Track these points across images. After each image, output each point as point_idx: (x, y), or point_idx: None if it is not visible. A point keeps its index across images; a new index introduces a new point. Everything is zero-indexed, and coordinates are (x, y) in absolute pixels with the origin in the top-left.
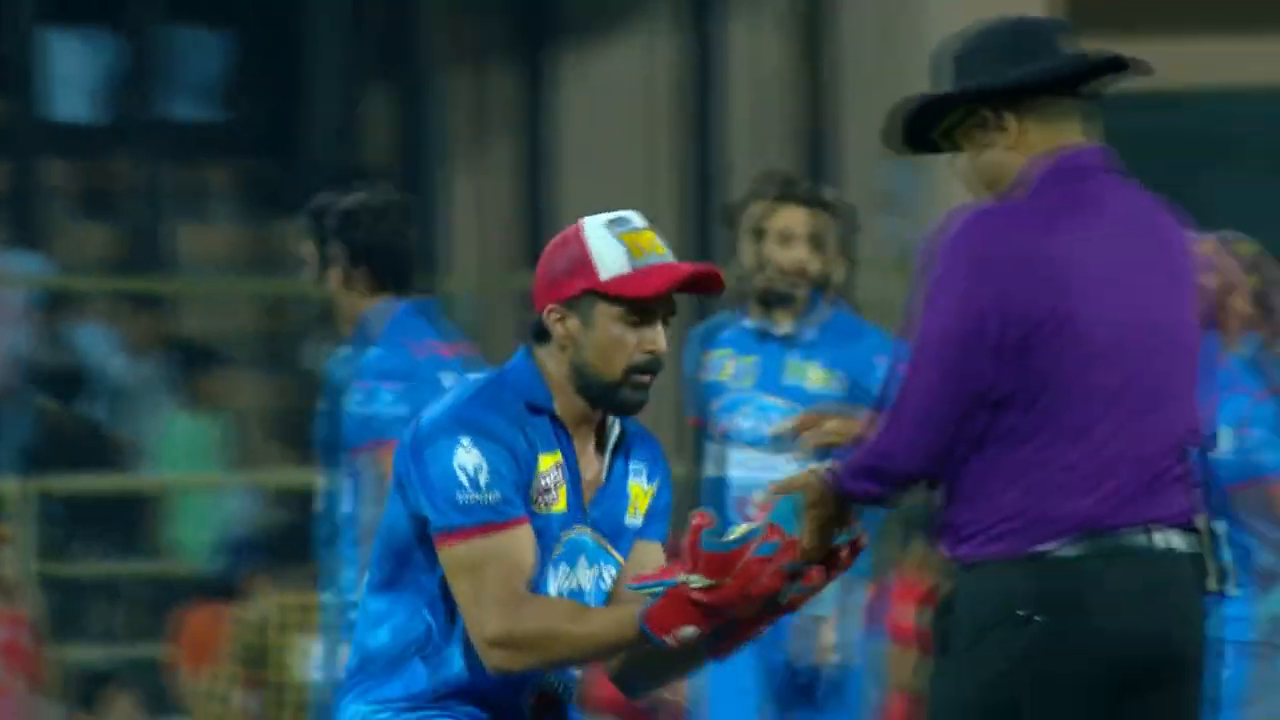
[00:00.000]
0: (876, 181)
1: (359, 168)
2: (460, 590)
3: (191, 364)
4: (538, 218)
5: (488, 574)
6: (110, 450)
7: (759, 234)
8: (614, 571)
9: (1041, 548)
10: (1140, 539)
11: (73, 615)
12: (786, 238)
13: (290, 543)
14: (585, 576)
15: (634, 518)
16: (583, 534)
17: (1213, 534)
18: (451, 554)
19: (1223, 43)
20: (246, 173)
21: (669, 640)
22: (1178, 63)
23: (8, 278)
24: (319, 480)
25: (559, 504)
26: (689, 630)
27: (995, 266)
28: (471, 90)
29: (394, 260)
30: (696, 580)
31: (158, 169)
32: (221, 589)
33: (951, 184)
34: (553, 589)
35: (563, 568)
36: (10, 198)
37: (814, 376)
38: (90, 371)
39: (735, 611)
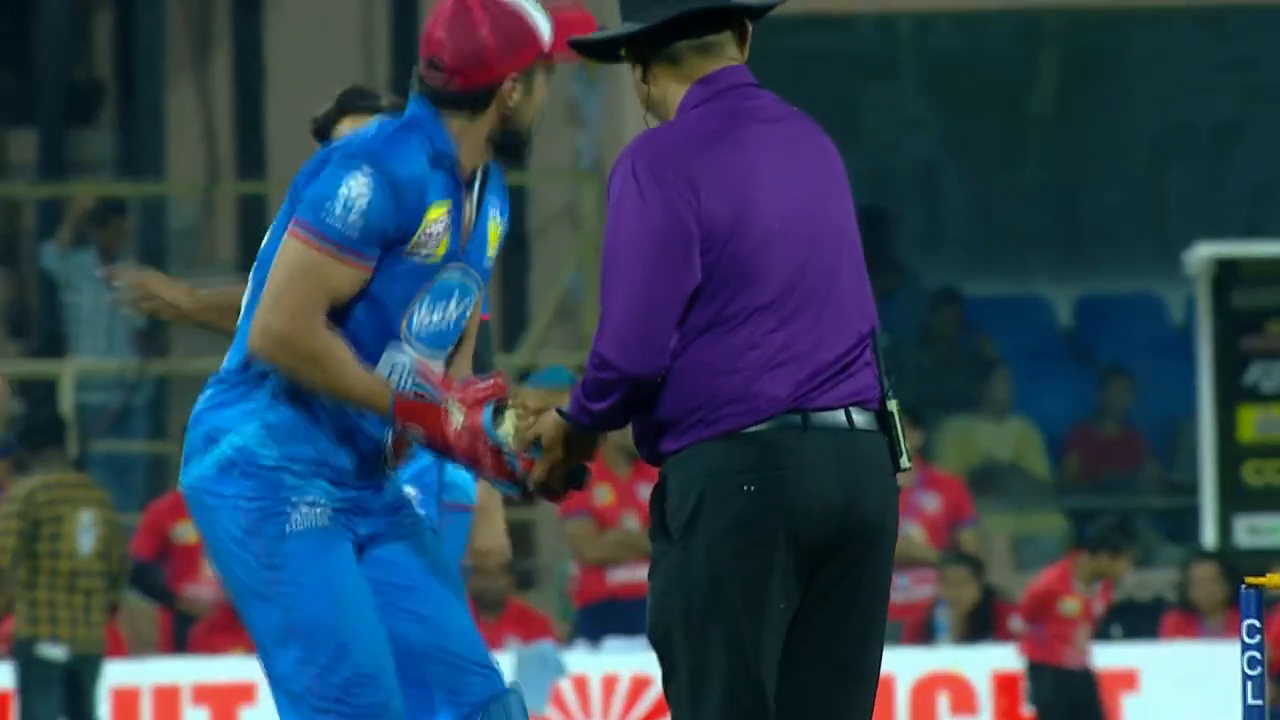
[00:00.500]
0: (563, 92)
1: (85, 80)
2: (275, 277)
3: None
4: (256, 128)
5: (306, 281)
6: None
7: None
8: (473, 300)
9: (741, 427)
10: (838, 417)
11: None
12: None
13: (34, 429)
14: (453, 311)
15: (492, 251)
16: (453, 273)
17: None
18: (291, 246)
19: None
20: None
21: (398, 427)
22: None
23: None
24: (52, 368)
25: (440, 249)
26: (418, 434)
27: (665, 181)
28: (189, 8)
29: None
30: (455, 422)
31: None
32: None
33: (628, 97)
34: (419, 322)
35: (431, 304)
36: None
37: None
38: None
39: (458, 463)
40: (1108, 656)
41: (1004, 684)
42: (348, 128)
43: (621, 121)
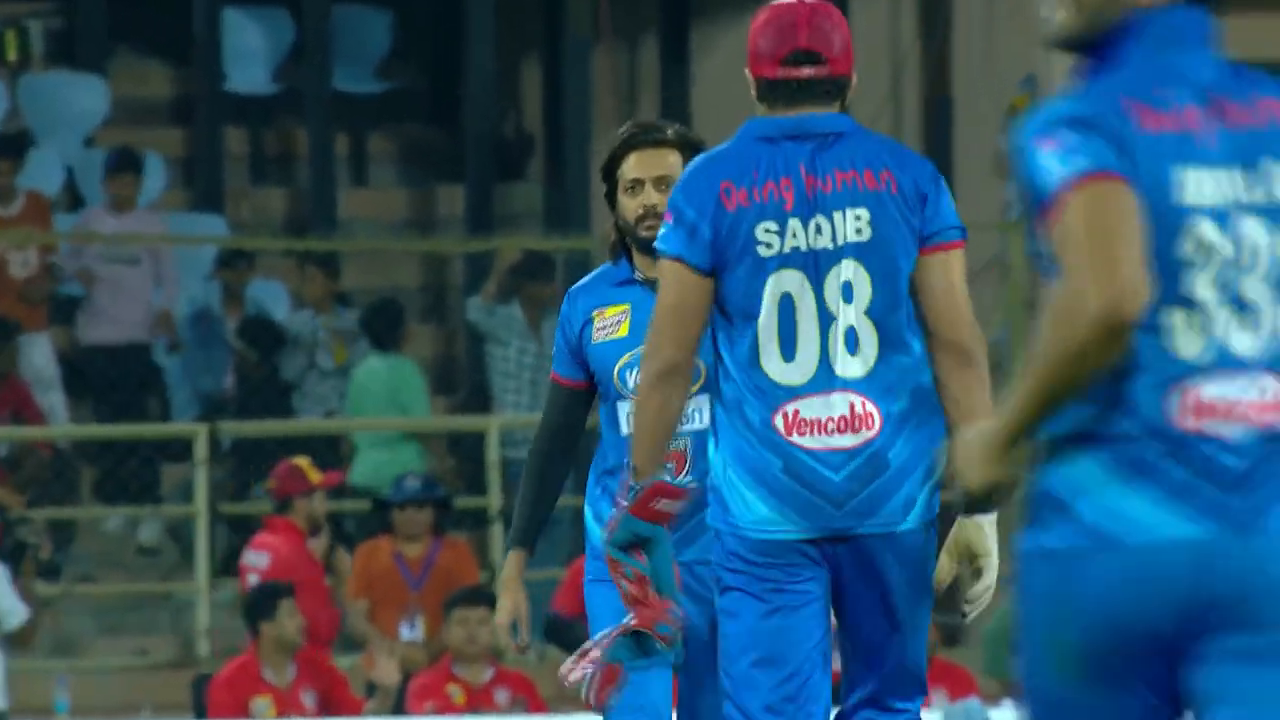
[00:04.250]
0: (990, 143)
1: (513, 134)
2: None
3: (374, 317)
4: None
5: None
6: (284, 395)
7: (614, 186)
8: None
9: None
10: None
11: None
12: (633, 185)
13: (455, 483)
14: None
15: None
16: None
17: None
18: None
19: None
20: (407, 140)
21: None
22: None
23: (191, 238)
24: (479, 423)
25: None
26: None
27: None
28: (616, 62)
29: None
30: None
31: (326, 136)
32: (384, 525)
33: None
34: None
35: None
36: (193, 163)
37: None
38: (275, 324)
39: None
40: None
41: None
42: (634, 164)
43: None
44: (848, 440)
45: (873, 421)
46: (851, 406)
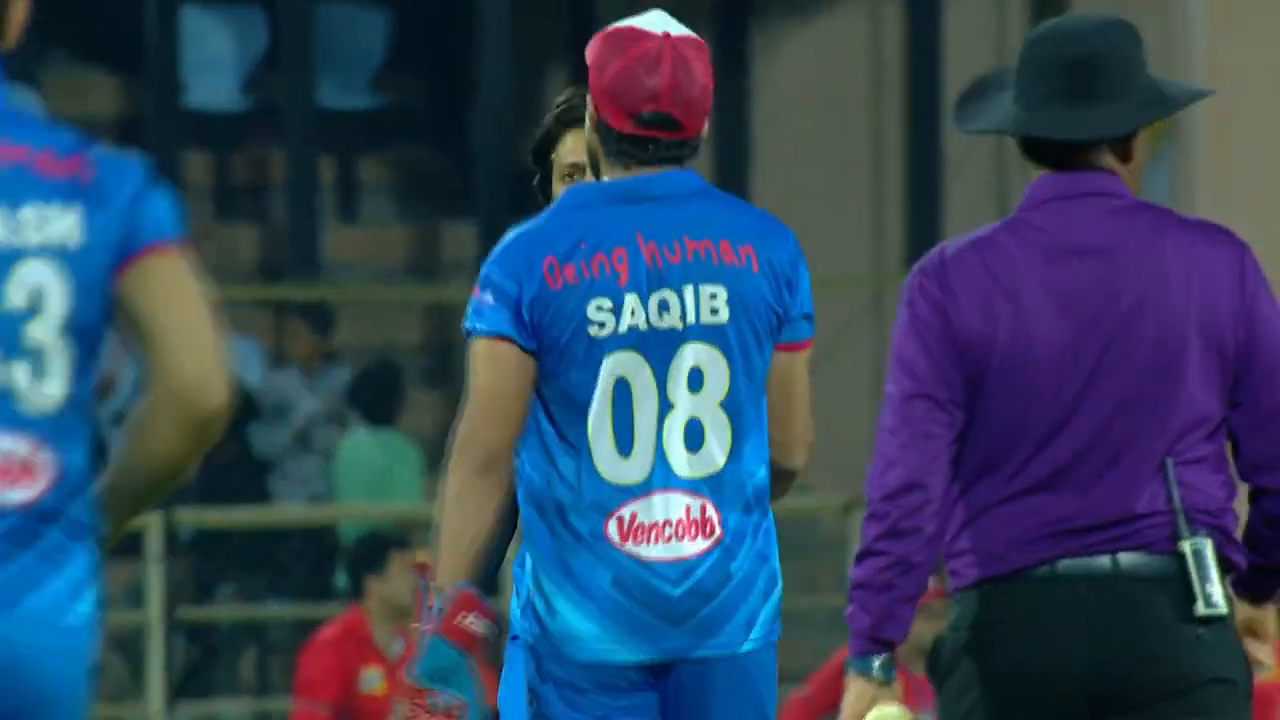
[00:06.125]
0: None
1: (531, 161)
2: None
3: (363, 384)
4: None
5: None
6: (256, 476)
7: (549, 172)
8: None
9: (983, 578)
10: (1095, 564)
11: (208, 664)
12: (572, 170)
13: None
14: None
15: None
16: None
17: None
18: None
19: None
20: (406, 166)
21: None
22: None
23: None
24: None
25: None
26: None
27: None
28: None
29: None
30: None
31: (308, 162)
32: None
33: (1199, 171)
34: None
35: None
36: None
37: None
38: (246, 390)
39: None
40: None
41: None
42: (572, 145)
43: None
44: (686, 549)
45: (713, 528)
46: (688, 510)
